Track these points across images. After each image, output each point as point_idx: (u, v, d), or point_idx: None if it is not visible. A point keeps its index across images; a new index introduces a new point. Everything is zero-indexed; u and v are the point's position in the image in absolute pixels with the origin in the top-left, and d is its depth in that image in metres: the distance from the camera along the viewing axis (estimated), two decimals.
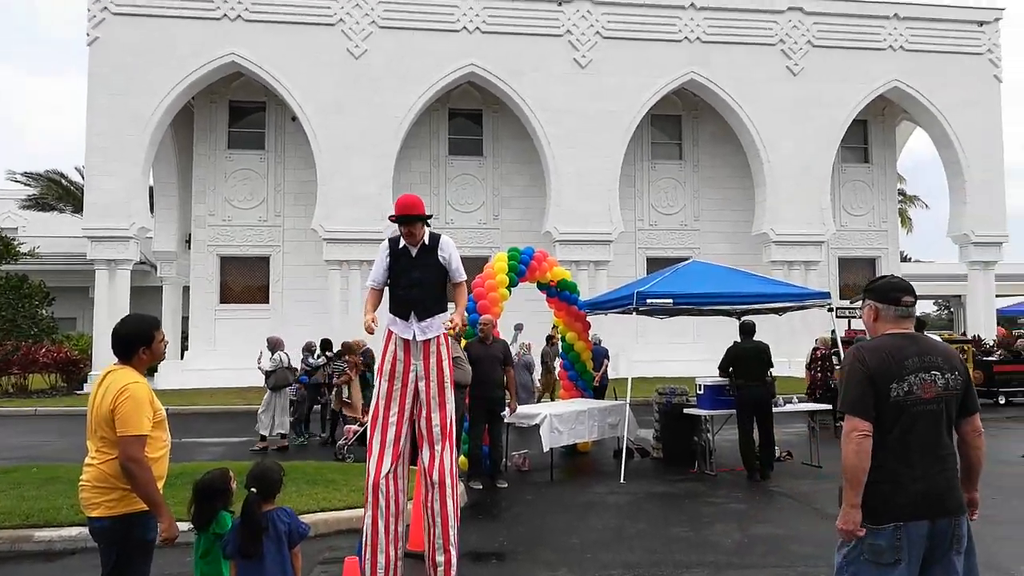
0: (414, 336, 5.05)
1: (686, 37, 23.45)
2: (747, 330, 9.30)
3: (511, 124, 24.21)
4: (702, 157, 25.80)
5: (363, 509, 5.01)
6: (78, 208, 27.71)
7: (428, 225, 5.25)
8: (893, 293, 3.11)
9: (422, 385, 5.06)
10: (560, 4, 22.94)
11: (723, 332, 21.13)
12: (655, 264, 23.19)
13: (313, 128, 21.68)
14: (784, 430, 12.30)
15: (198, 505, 3.79)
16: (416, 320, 5.05)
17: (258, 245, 23.71)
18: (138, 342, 3.60)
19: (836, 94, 23.97)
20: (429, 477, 5.04)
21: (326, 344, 12.88)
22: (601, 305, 10.96)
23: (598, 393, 12.23)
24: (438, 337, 5.12)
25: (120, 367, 3.58)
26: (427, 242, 5.15)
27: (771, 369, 9.14)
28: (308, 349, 12.81)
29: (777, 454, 10.00)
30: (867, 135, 26.84)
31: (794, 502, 7.65)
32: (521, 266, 10.13)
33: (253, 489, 3.71)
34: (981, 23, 25.03)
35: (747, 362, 9.00)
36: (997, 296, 26.92)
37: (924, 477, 2.93)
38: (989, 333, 23.33)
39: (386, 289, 5.28)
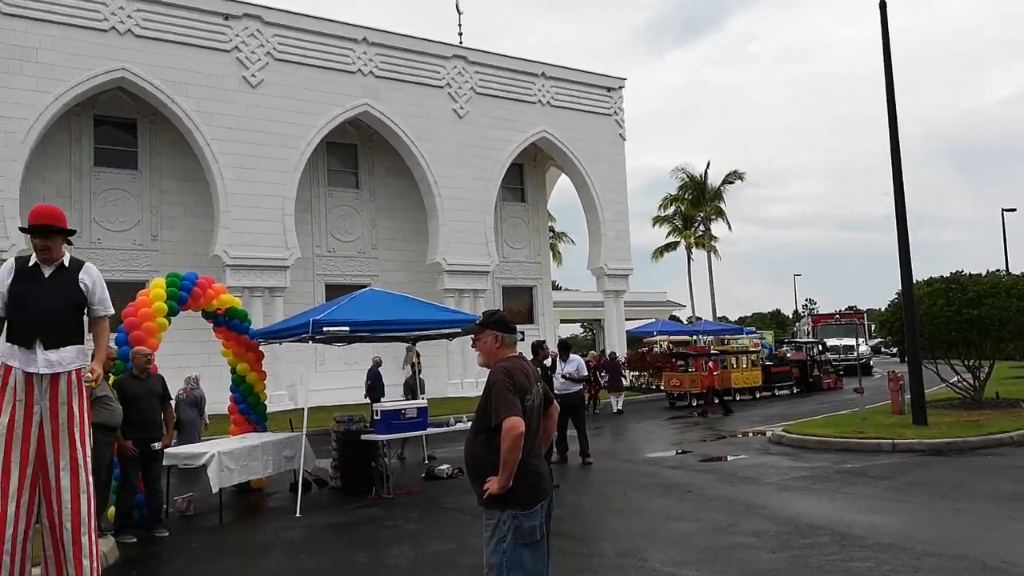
0: (39, 370, 4.35)
1: (359, 70, 23.89)
2: (533, 350, 10.18)
3: (172, 137, 22.23)
4: (378, 188, 26.37)
5: None
6: None
7: (70, 243, 4.61)
8: (512, 325, 3.86)
9: (48, 431, 4.36)
10: (227, 19, 21.80)
11: (399, 359, 21.63)
12: (334, 291, 22.98)
13: None
14: (457, 448, 12.99)
15: None
16: (41, 348, 4.35)
17: None
18: None
19: (497, 138, 26.36)
20: (61, 537, 4.35)
21: None
22: (276, 334, 10.52)
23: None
24: (70, 374, 4.45)
25: None
26: (67, 263, 4.50)
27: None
28: None
29: (450, 471, 10.56)
30: (523, 177, 29.92)
31: (465, 516, 8.08)
32: (182, 293, 9.30)
33: None
34: (609, 89, 29.63)
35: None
36: (627, 319, 31.84)
37: (540, 462, 3.67)
38: (622, 350, 27.31)
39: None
